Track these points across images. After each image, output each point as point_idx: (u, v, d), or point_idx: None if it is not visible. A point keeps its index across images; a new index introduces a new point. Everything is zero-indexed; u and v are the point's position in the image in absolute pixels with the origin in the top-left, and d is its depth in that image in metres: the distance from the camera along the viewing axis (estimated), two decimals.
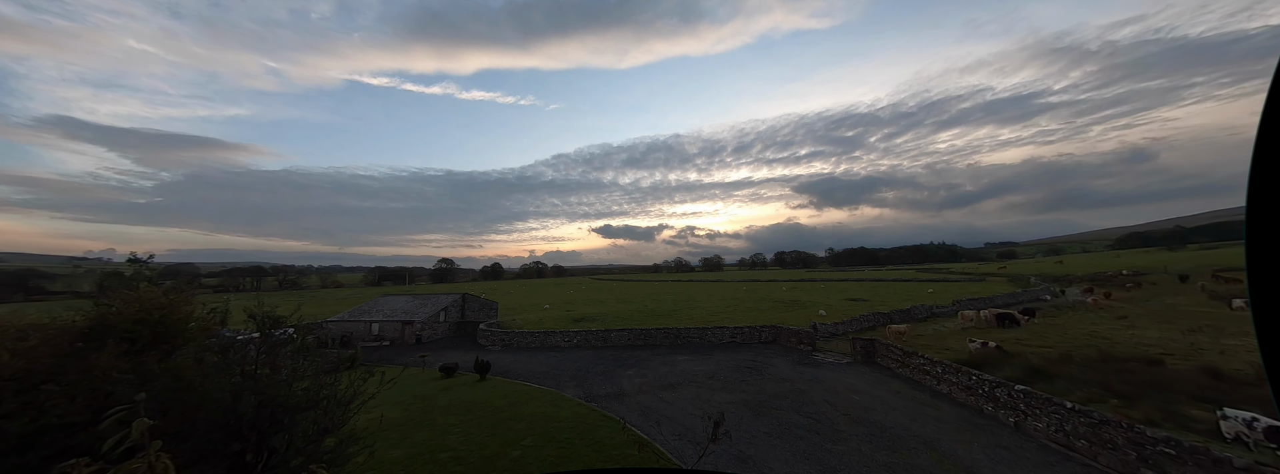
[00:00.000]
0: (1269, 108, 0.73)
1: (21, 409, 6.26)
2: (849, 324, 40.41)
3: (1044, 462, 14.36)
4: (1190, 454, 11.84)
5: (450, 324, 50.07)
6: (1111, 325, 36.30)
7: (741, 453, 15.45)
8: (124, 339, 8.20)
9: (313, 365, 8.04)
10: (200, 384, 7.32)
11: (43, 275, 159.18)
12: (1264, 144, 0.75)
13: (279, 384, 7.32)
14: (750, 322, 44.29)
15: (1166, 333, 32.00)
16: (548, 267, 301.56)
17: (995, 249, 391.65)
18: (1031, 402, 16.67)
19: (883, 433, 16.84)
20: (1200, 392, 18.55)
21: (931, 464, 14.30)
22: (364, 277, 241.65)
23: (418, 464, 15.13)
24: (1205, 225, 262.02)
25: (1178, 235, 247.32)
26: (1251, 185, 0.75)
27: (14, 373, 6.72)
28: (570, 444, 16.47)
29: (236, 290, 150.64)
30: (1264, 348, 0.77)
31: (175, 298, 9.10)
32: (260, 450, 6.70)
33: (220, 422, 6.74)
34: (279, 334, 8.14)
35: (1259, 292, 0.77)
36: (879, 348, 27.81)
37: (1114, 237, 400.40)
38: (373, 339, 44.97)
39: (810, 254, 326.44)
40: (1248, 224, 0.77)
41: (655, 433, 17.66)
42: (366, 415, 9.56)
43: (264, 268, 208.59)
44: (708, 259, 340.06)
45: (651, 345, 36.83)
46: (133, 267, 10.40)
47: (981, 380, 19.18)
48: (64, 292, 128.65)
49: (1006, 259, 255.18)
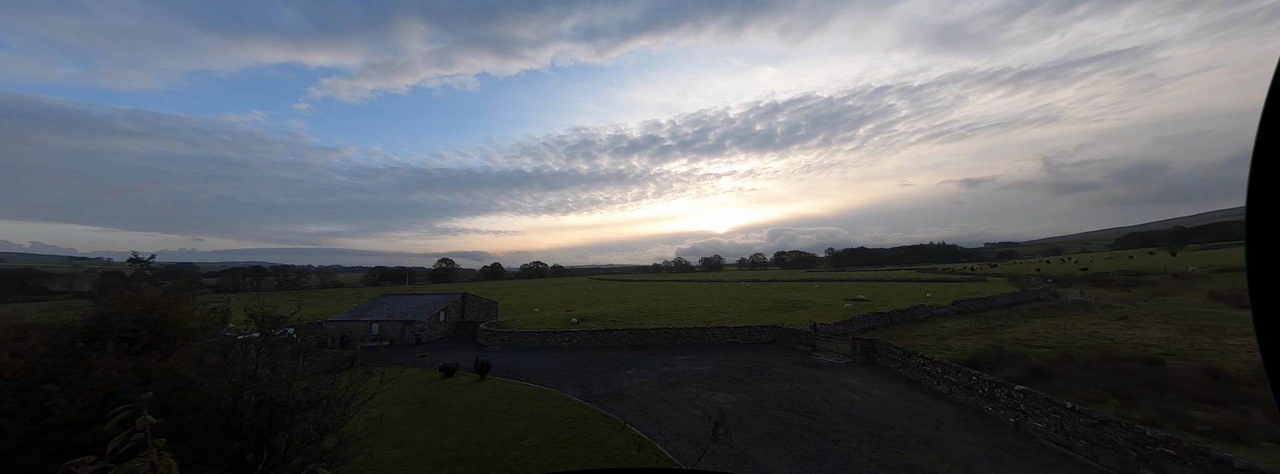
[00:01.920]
0: (1269, 108, 0.73)
1: (21, 409, 6.26)
2: (849, 324, 40.40)
3: (1044, 462, 14.35)
4: (1190, 454, 11.82)
5: (450, 324, 50.06)
6: (1112, 325, 36.28)
7: (742, 453, 15.44)
8: (124, 339, 8.21)
9: (313, 365, 8.04)
10: (200, 384, 7.32)
11: (43, 275, 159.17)
12: (1264, 144, 0.75)
13: (279, 384, 7.33)
14: (750, 322, 44.29)
15: (1167, 333, 32.00)
16: (547, 267, 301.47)
17: (996, 249, 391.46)
18: (1031, 402, 16.66)
19: (883, 433, 16.83)
20: (1201, 392, 18.55)
21: (931, 464, 14.29)
22: (364, 276, 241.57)
23: (418, 464, 15.13)
24: (1205, 225, 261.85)
25: (1178, 235, 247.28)
26: (1251, 185, 0.75)
27: (14, 373, 6.73)
28: (570, 444, 16.47)
29: (236, 290, 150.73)
30: (1264, 348, 0.77)
31: (175, 298, 9.10)
32: (260, 450, 6.71)
33: (220, 421, 6.74)
34: (279, 334, 8.15)
35: (1259, 292, 0.77)
36: (879, 348, 27.79)
37: (1114, 237, 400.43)
38: (373, 339, 44.96)
39: (810, 254, 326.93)
40: (1248, 224, 0.77)
41: (655, 433, 17.66)
42: (366, 415, 9.56)
43: (264, 268, 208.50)
44: (708, 259, 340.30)
45: (651, 345, 36.81)
46: (133, 266, 10.40)
47: (981, 380, 19.17)
48: (64, 292, 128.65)
49: (1007, 259, 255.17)
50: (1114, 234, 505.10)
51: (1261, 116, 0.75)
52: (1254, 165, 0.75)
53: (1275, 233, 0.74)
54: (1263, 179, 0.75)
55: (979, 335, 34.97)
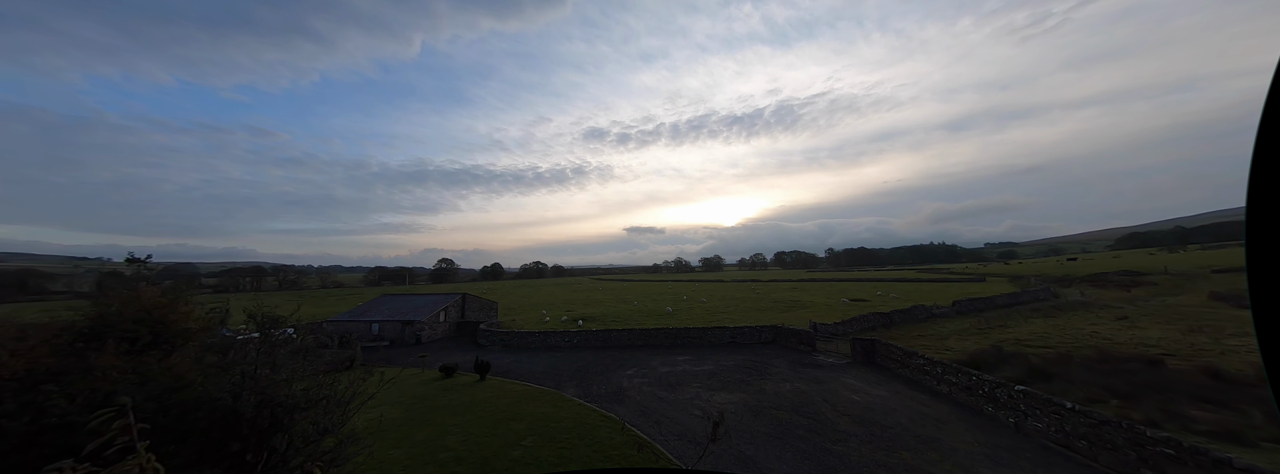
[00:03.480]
0: (1269, 108, 0.73)
1: (21, 409, 6.26)
2: (849, 324, 40.41)
3: (1044, 462, 14.34)
4: (1190, 455, 11.82)
5: (450, 324, 50.04)
6: (1112, 326, 36.30)
7: (742, 453, 15.44)
8: (124, 339, 8.21)
9: (312, 365, 8.04)
10: (200, 384, 7.32)
11: (43, 275, 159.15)
12: (1264, 144, 0.75)
13: (279, 384, 7.32)
14: (750, 322, 44.31)
15: (1167, 333, 32.01)
16: (547, 267, 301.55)
17: (996, 249, 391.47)
18: (1031, 402, 16.66)
19: (883, 433, 16.83)
20: (1201, 392, 18.55)
21: (931, 464, 14.28)
22: (364, 276, 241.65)
23: (418, 464, 15.13)
24: (1205, 225, 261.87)
25: (1178, 235, 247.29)
26: (1251, 185, 0.75)
27: (14, 373, 6.73)
28: (570, 444, 16.47)
29: (236, 290, 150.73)
30: (1264, 348, 0.77)
31: (174, 298, 9.10)
32: (260, 450, 6.70)
33: (220, 421, 6.74)
34: (279, 334, 8.14)
35: (1259, 292, 0.77)
36: (879, 348, 27.79)
37: (1114, 237, 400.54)
38: (373, 339, 44.93)
39: (810, 254, 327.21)
40: (1248, 224, 0.77)
41: (655, 433, 17.66)
42: (366, 415, 9.56)
43: (264, 268, 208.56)
44: (708, 259, 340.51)
45: (652, 345, 36.81)
46: (133, 266, 10.39)
47: (981, 381, 19.17)
48: (64, 292, 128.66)
49: (1007, 259, 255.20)
50: (1114, 234, 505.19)
51: (1262, 116, 0.74)
52: (1254, 165, 0.75)
53: (1275, 233, 0.74)
54: (1263, 179, 0.75)
55: (979, 336, 35.00)
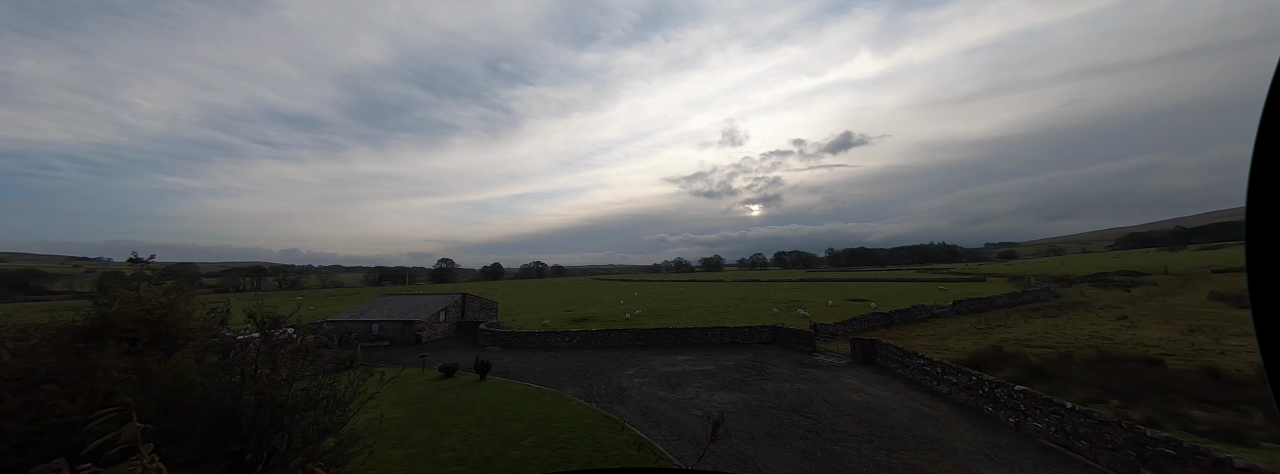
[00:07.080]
0: (1269, 108, 0.73)
1: (21, 409, 6.26)
2: (849, 324, 40.40)
3: (1044, 462, 14.34)
4: (1190, 455, 11.82)
5: (450, 324, 50.04)
6: (1112, 325, 36.30)
7: (741, 453, 15.44)
8: (124, 339, 8.21)
9: (312, 365, 8.04)
10: (200, 384, 7.32)
11: (43, 275, 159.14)
12: (1264, 144, 0.75)
13: (279, 384, 7.33)
14: (750, 322, 44.29)
15: (1167, 333, 32.01)
16: (547, 267, 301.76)
17: (995, 249, 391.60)
18: (1031, 402, 16.65)
19: (882, 433, 16.82)
20: (1201, 392, 18.56)
21: (931, 464, 14.28)
22: (364, 276, 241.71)
23: (418, 464, 15.13)
24: (1205, 225, 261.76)
25: (1178, 235, 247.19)
26: (1251, 185, 0.75)
27: (14, 373, 6.73)
28: (570, 444, 16.46)
29: (236, 290, 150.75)
30: (1264, 348, 0.77)
31: (175, 298, 9.11)
32: (260, 450, 6.71)
33: (220, 421, 6.74)
34: (279, 334, 8.15)
35: (1259, 292, 0.77)
36: (879, 348, 27.78)
37: (1114, 237, 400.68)
38: (373, 339, 44.93)
39: (810, 254, 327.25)
40: (1248, 224, 0.77)
41: (655, 433, 17.65)
42: (366, 415, 9.57)
43: (264, 268, 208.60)
44: (708, 259, 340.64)
45: (652, 345, 36.80)
46: (133, 266, 10.39)
47: (981, 381, 19.16)
48: (64, 292, 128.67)
49: (1007, 259, 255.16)
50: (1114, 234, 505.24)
51: (1262, 116, 0.75)
52: (1254, 165, 0.75)
53: (1275, 233, 0.74)
54: (1263, 179, 0.75)
55: (979, 336, 35.00)
